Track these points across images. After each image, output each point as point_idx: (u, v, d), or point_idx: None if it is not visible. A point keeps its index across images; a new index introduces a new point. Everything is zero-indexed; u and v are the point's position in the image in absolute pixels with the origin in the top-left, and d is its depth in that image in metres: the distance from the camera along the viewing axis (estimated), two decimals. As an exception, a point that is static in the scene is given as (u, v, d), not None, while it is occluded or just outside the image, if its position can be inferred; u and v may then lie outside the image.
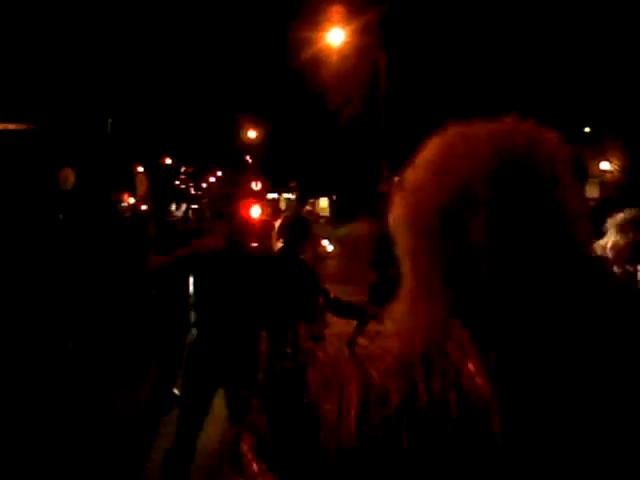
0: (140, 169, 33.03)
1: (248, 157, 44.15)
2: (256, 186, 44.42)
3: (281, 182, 36.69)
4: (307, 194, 32.15)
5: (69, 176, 9.84)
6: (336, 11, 20.32)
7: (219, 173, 40.57)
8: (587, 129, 26.72)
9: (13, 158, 9.68)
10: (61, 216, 9.89)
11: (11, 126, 11.02)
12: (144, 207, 12.24)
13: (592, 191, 23.71)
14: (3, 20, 17.50)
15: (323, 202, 30.97)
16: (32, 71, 18.32)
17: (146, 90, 27.68)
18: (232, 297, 3.80)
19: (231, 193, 4.36)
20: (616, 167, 25.36)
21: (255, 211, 18.10)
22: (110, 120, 21.25)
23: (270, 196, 37.66)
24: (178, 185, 55.49)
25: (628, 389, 0.88)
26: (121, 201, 22.78)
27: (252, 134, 35.68)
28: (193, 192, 53.83)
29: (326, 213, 29.57)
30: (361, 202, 25.51)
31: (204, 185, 50.10)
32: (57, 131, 12.87)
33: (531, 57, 22.81)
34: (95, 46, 22.00)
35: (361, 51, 21.32)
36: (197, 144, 38.45)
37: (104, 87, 22.77)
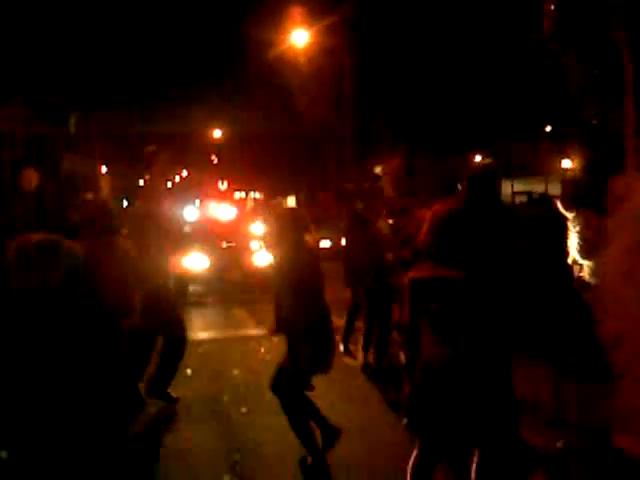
0: (104, 169, 32.53)
1: (214, 157, 43.89)
2: (222, 185, 44.20)
3: (247, 181, 36.62)
4: (274, 193, 32.14)
5: (32, 176, 9.75)
6: (299, 12, 20.37)
7: (184, 173, 40.28)
8: (548, 128, 27.27)
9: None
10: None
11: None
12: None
13: (554, 188, 24.21)
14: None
15: (291, 201, 30.97)
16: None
17: (109, 85, 27.30)
18: None
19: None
20: (575, 165, 25.90)
21: (229, 211, 18.07)
22: (73, 118, 20.94)
23: (237, 195, 37.50)
24: (143, 185, 54.85)
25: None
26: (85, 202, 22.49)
27: (217, 133, 35.50)
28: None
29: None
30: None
31: (169, 185, 49.62)
32: (20, 131, 12.70)
33: (494, 58, 23.16)
34: (56, 41, 21.65)
35: (326, 52, 21.42)
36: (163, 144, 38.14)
37: (67, 84, 22.41)
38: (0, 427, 2.19)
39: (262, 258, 11.87)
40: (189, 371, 6.34)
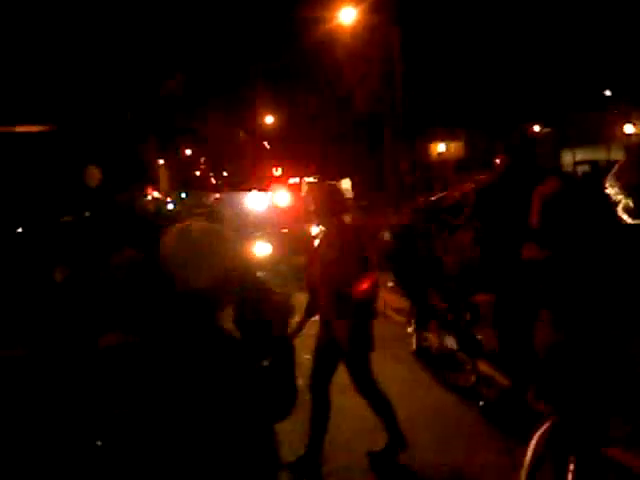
0: (161, 162, 33.25)
1: (266, 143, 44.12)
2: (276, 171, 44.45)
3: (301, 166, 36.65)
4: (328, 177, 32.11)
5: (95, 173, 9.97)
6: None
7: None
8: (608, 92, 26.27)
9: (38, 159, 9.79)
10: (88, 214, 10.02)
11: (34, 128, 11.16)
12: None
13: (617, 154, 23.38)
14: (18, 23, 17.65)
15: (346, 183, 30.87)
16: (48, 72, 18.46)
17: (160, 81, 27.72)
18: None
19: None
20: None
21: (286, 197, 18.11)
22: (129, 113, 21.36)
23: (292, 181, 37.64)
24: (199, 176, 55.73)
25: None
26: (146, 194, 23.00)
27: (269, 120, 35.61)
28: (214, 182, 54.04)
29: (349, 195, 29.59)
30: (383, 182, 25.44)
31: (225, 174, 50.24)
32: (78, 130, 12.99)
33: (550, 24, 22.44)
34: (106, 40, 22.08)
35: (374, 29, 21.13)
36: (215, 133, 38.52)
37: (121, 82, 22.87)
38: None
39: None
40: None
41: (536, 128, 24.49)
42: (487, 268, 5.40)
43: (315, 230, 12.94)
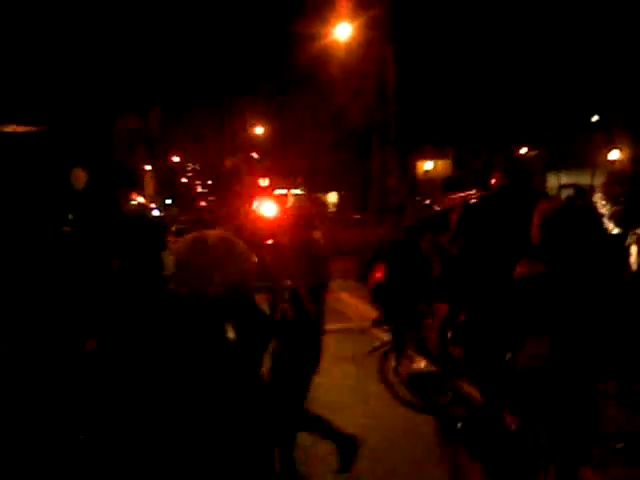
0: (147, 167, 33.17)
1: (254, 154, 44.18)
2: (263, 182, 44.46)
3: (288, 178, 36.73)
4: (314, 190, 32.23)
5: (81, 176, 9.87)
6: (342, 5, 20.27)
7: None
8: (595, 117, 26.59)
9: (23, 160, 9.70)
10: (71, 216, 9.92)
11: (20, 129, 11.05)
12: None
13: (600, 180, 23.61)
14: (7, 22, 17.55)
15: (332, 197, 31.01)
16: (38, 73, 18.37)
17: (150, 87, 27.68)
18: None
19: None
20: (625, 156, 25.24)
21: (271, 208, 18.11)
22: (119, 118, 21.26)
23: (278, 192, 37.70)
24: (185, 182, 55.63)
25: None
26: (130, 199, 22.86)
27: (259, 130, 35.71)
28: (200, 190, 53.97)
29: (333, 208, 29.68)
30: (369, 197, 25.52)
31: (210, 182, 50.18)
32: (66, 131, 12.90)
33: (538, 48, 22.71)
34: (99, 45, 22.04)
35: (368, 45, 21.28)
36: (203, 140, 38.52)
37: (109, 85, 22.80)
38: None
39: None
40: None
41: (523, 150, 24.73)
42: (467, 284, 5.40)
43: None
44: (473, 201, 5.62)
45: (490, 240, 4.84)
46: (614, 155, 26.19)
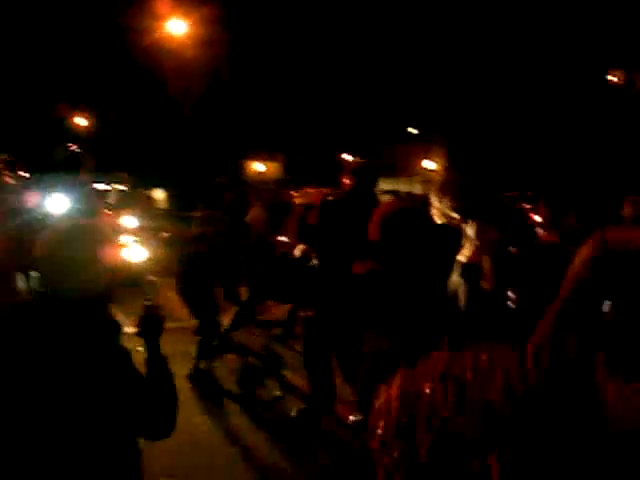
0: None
1: (75, 146, 41.71)
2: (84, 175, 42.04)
3: (111, 172, 35.18)
4: (140, 185, 31.16)
5: None
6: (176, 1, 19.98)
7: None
8: (415, 130, 28.71)
9: None
10: None
11: None
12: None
13: (415, 188, 25.52)
14: None
15: (159, 193, 30.07)
16: None
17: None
18: None
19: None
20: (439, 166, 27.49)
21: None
22: None
23: (100, 187, 35.94)
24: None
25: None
26: None
27: (82, 122, 33.82)
28: (9, 181, 49.83)
29: (164, 205, 28.94)
30: (198, 194, 25.26)
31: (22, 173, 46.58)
32: None
33: (364, 58, 23.99)
34: None
35: (203, 41, 21.14)
36: (21, 130, 35.72)
37: None
38: None
39: (135, 253, 11.40)
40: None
41: (349, 157, 26.01)
42: (320, 285, 5.55)
43: (127, 239, 12.53)
44: (330, 199, 5.91)
45: (343, 238, 5.08)
46: (429, 165, 28.46)
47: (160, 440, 2.07)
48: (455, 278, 3.87)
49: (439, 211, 3.58)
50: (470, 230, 4.01)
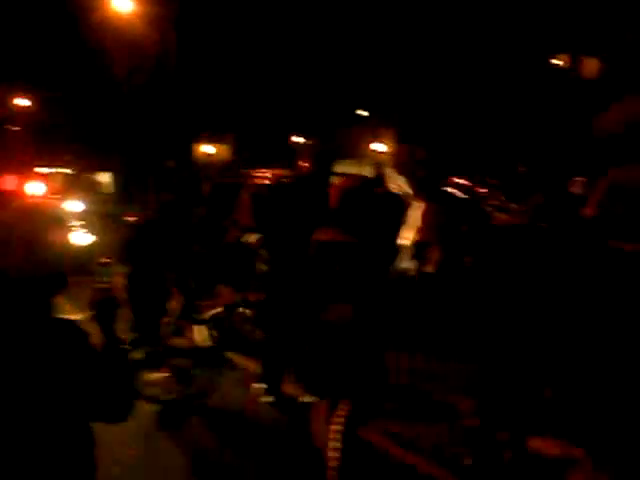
0: None
1: (14, 127, 40.39)
2: (23, 158, 40.72)
3: (55, 155, 34.22)
4: (86, 169, 30.36)
5: None
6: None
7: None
8: (365, 113, 28.83)
9: None
10: None
11: None
12: None
13: (365, 170, 25.72)
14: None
15: (105, 177, 29.35)
16: None
17: None
18: None
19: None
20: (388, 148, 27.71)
21: (36, 187, 16.70)
22: None
23: (42, 171, 34.89)
24: None
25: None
26: None
27: (24, 102, 32.71)
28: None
29: (110, 190, 28.29)
30: (148, 178, 24.85)
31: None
32: None
33: (313, 38, 23.95)
34: None
35: (150, 21, 20.69)
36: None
37: None
38: None
39: (79, 237, 11.17)
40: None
41: (299, 139, 25.98)
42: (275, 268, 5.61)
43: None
44: (287, 180, 6.00)
45: (297, 219, 5.17)
46: (378, 147, 28.65)
47: (117, 424, 2.05)
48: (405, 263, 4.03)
49: (395, 183, 3.86)
50: (417, 211, 4.18)
